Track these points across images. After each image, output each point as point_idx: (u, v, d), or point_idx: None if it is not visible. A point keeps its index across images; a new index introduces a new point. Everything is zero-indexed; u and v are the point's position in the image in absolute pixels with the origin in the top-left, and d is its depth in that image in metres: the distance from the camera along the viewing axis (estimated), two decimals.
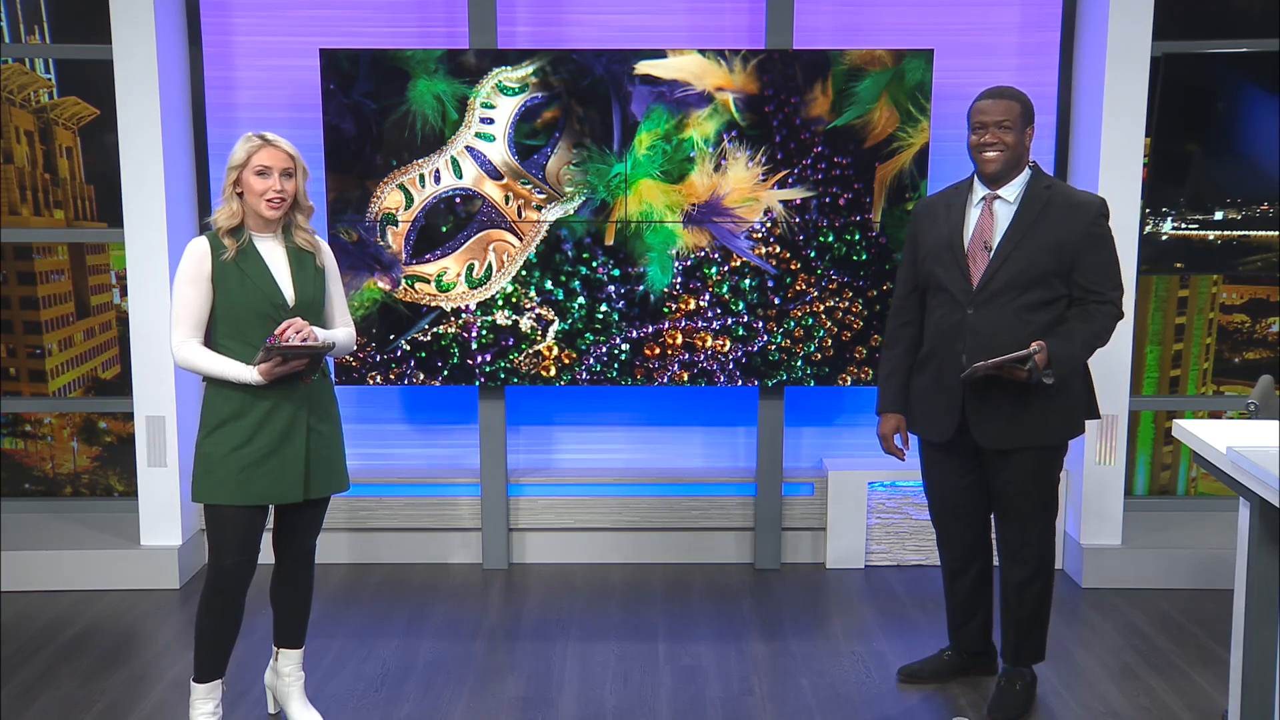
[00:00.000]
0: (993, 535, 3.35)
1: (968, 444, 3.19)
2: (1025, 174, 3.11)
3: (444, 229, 4.11)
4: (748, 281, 4.15)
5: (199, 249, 2.87)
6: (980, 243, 3.09)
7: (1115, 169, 4.09)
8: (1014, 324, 3.04)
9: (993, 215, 3.10)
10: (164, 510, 4.23)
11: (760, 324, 4.18)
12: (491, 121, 4.05)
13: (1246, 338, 4.62)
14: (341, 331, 3.11)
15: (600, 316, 4.17)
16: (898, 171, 4.07)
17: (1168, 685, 3.47)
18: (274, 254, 2.92)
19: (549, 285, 4.15)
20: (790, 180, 4.08)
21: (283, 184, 2.87)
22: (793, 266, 4.14)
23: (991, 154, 3.06)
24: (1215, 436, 2.65)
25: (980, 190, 3.13)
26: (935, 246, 3.18)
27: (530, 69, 4.02)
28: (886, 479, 4.40)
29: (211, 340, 2.90)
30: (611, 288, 4.15)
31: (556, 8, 4.31)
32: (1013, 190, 3.09)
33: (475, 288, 4.15)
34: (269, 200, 2.86)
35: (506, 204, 4.09)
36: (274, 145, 2.87)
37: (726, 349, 4.19)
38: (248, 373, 2.83)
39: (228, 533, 2.90)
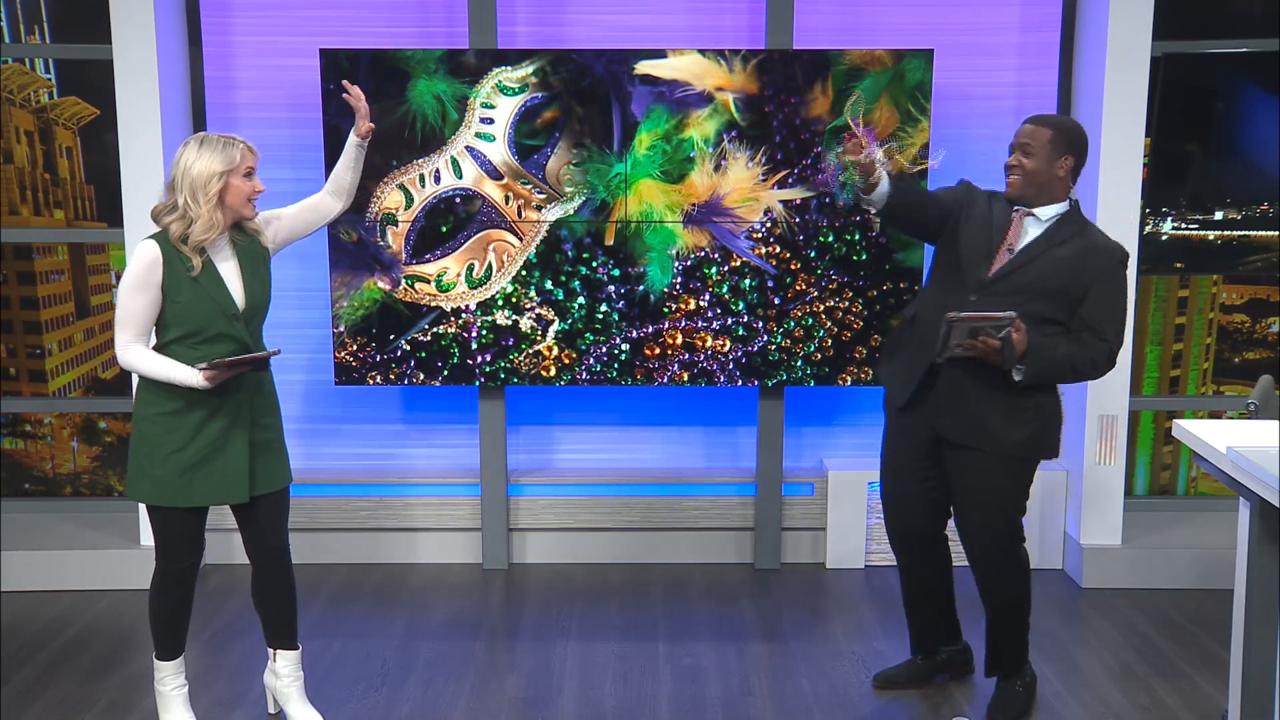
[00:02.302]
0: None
1: (931, 438, 3.16)
2: (1063, 207, 3.08)
3: (444, 229, 4.11)
4: (748, 281, 4.15)
5: (149, 255, 2.80)
6: (1005, 245, 3.09)
7: (1115, 169, 4.09)
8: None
9: (1023, 225, 3.09)
10: None
11: (760, 324, 4.18)
12: (491, 121, 4.05)
13: (1246, 338, 4.62)
14: (336, 175, 3.13)
15: (600, 316, 4.17)
16: (898, 172, 4.06)
17: (1168, 685, 3.47)
18: (225, 256, 2.90)
19: (549, 285, 4.15)
20: (790, 180, 4.08)
21: (260, 184, 2.91)
22: (793, 266, 4.14)
23: (1011, 176, 3.08)
24: (1215, 436, 2.65)
25: (1015, 207, 3.12)
26: (972, 234, 3.13)
27: (530, 69, 4.02)
28: None
29: (160, 344, 2.88)
30: (611, 288, 4.15)
31: (556, 8, 4.31)
32: (1047, 212, 3.07)
33: (475, 288, 4.15)
34: (254, 200, 2.89)
35: (506, 204, 4.09)
36: (249, 146, 2.89)
37: (726, 349, 4.19)
38: (193, 377, 2.79)
39: (174, 536, 2.93)
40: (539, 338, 4.18)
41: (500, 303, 4.15)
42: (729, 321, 4.17)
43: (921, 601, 3.39)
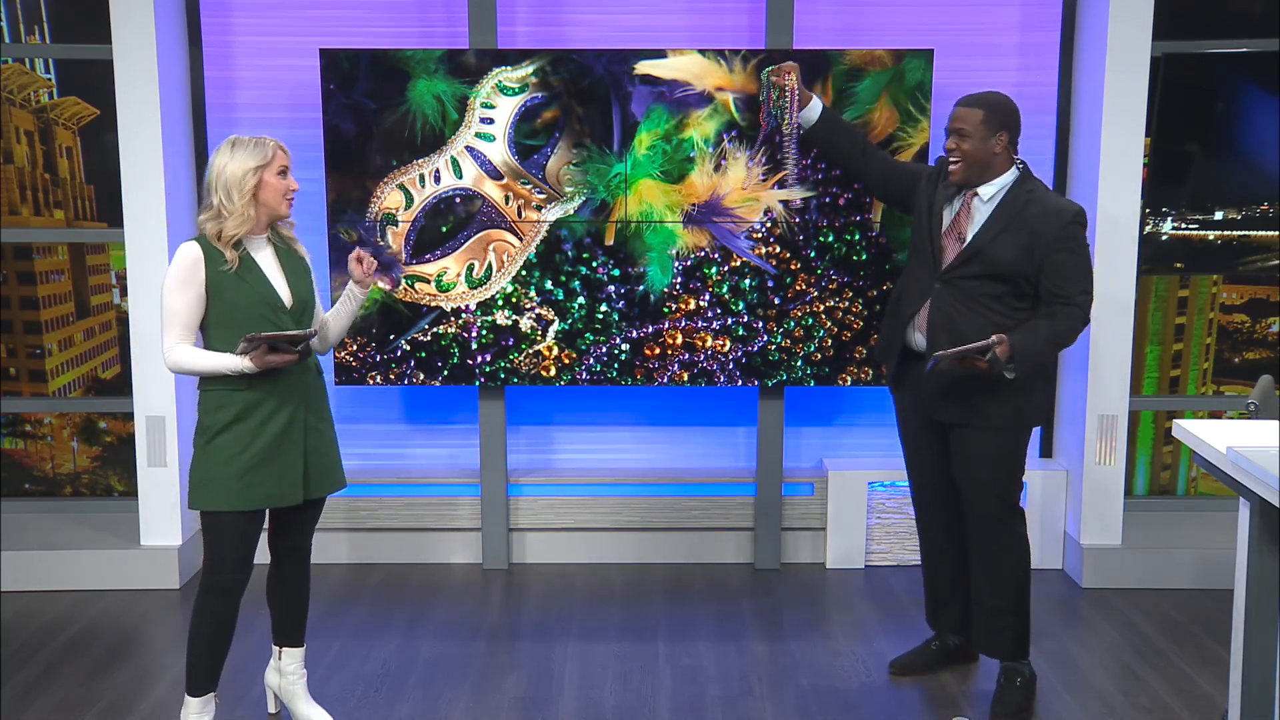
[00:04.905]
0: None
1: (928, 420, 3.31)
2: (1009, 176, 3.18)
3: (444, 229, 4.10)
4: (748, 281, 4.15)
5: (192, 255, 2.83)
6: (955, 233, 3.22)
7: (1115, 169, 4.09)
8: (975, 307, 3.15)
9: (970, 210, 3.20)
10: (164, 510, 4.23)
11: (760, 324, 4.18)
12: (491, 121, 4.05)
13: (1246, 338, 4.62)
14: (329, 320, 3.16)
15: (600, 316, 4.17)
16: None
17: (1168, 685, 3.47)
18: (265, 256, 2.93)
19: (549, 285, 4.15)
20: (790, 180, 4.08)
21: (295, 183, 2.94)
22: (793, 266, 4.14)
23: (951, 161, 3.19)
24: (1215, 436, 2.65)
25: (964, 186, 3.24)
26: (920, 219, 3.33)
27: (530, 69, 4.02)
28: (886, 479, 4.40)
29: (207, 345, 2.90)
30: (611, 288, 4.15)
31: (556, 8, 4.31)
32: (990, 189, 3.18)
33: (475, 288, 4.15)
34: (289, 199, 2.90)
35: (506, 204, 4.09)
36: (282, 146, 2.92)
37: (726, 349, 4.19)
38: (239, 362, 2.80)
39: (226, 543, 2.88)
40: (539, 338, 4.18)
41: (500, 303, 4.15)
42: (729, 321, 4.17)
43: (938, 560, 3.47)
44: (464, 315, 4.16)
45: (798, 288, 4.15)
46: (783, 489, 4.41)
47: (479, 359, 4.19)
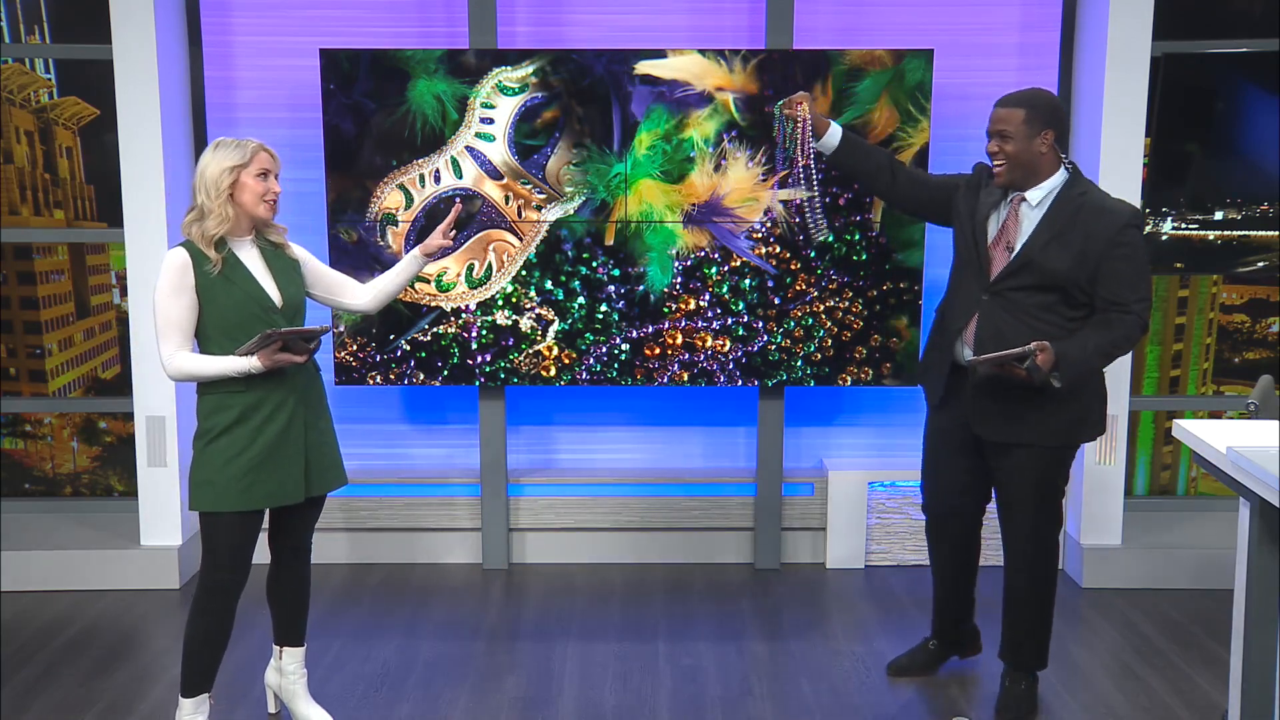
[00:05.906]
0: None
1: (969, 438, 3.20)
2: (1059, 177, 3.04)
3: None
4: (748, 281, 4.15)
5: (179, 260, 2.81)
6: (1003, 242, 3.07)
7: (1115, 169, 4.09)
8: (1025, 319, 3.02)
9: (1018, 217, 3.06)
10: (164, 510, 4.23)
11: (760, 324, 4.18)
12: (491, 121, 4.05)
13: (1246, 338, 4.62)
14: (384, 279, 3.19)
15: (600, 316, 4.17)
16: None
17: (1168, 685, 3.47)
18: (251, 257, 2.90)
19: (549, 285, 4.15)
20: (790, 180, 4.08)
21: (277, 186, 2.91)
22: (793, 266, 4.14)
23: (996, 165, 3.06)
24: (1215, 436, 2.65)
25: (1010, 190, 3.11)
26: (963, 229, 3.18)
27: (530, 69, 4.02)
28: (886, 479, 4.40)
29: (203, 351, 2.87)
30: (611, 288, 4.15)
31: (556, 8, 4.32)
32: (1038, 194, 3.04)
33: (475, 288, 4.15)
34: (269, 201, 2.87)
35: (506, 204, 4.09)
36: (269, 150, 2.90)
37: (726, 349, 4.19)
38: (245, 363, 2.79)
39: (224, 543, 2.87)
40: (539, 338, 4.18)
41: (500, 303, 4.15)
42: (729, 321, 4.17)
43: (951, 586, 3.43)
44: (464, 315, 4.16)
45: (798, 288, 4.15)
46: (783, 489, 4.41)
47: (479, 359, 4.19)
